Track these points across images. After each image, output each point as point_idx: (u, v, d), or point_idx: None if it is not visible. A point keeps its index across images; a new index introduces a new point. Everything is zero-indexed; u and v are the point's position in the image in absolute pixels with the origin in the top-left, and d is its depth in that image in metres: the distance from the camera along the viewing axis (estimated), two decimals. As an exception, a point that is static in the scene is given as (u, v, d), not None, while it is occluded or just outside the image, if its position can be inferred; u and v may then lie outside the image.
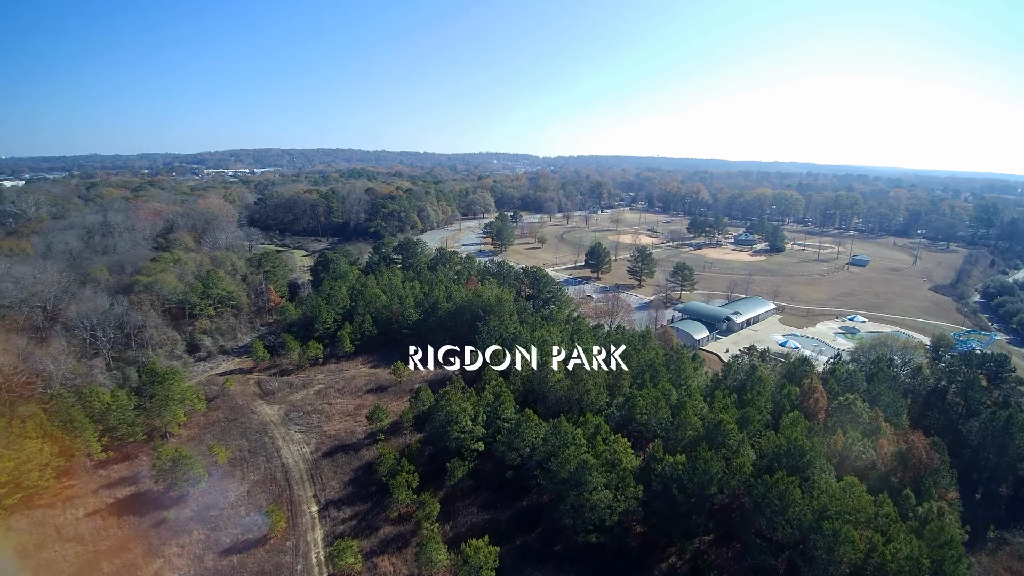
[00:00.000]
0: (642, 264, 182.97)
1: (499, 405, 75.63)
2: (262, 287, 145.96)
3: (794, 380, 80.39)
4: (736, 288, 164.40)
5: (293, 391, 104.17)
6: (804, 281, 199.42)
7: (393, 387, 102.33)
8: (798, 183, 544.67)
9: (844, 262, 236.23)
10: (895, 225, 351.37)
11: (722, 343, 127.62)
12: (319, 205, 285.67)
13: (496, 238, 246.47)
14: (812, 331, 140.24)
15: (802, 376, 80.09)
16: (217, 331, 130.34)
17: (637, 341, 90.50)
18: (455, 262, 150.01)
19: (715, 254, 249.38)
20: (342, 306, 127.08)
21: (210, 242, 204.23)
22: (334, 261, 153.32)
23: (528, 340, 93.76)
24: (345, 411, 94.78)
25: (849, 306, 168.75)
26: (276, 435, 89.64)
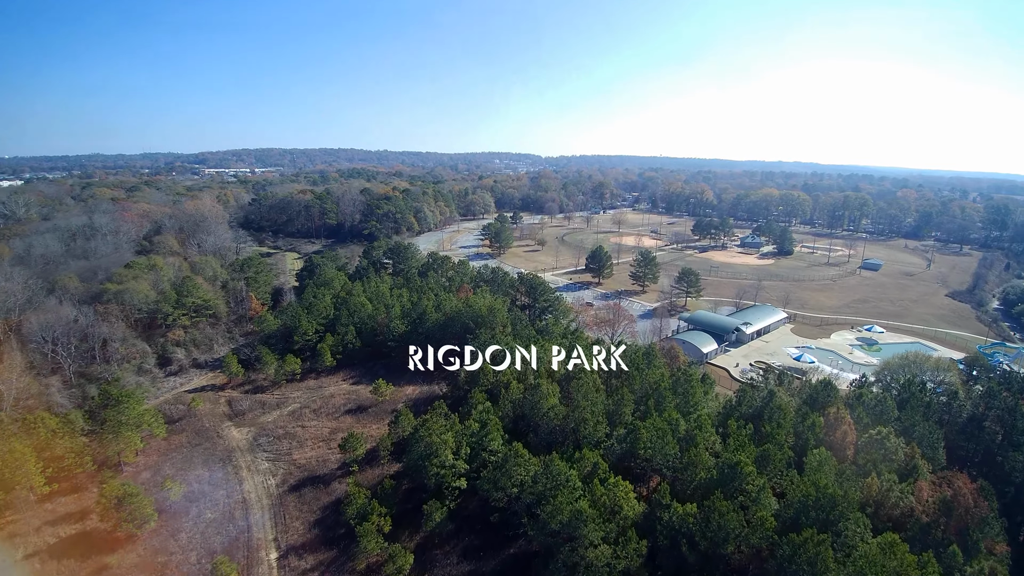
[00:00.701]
0: (645, 269, 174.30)
1: (485, 435, 67.19)
2: (243, 294, 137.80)
3: (816, 406, 71.70)
4: (745, 295, 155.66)
5: (265, 411, 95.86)
6: (815, 287, 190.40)
7: (374, 408, 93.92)
8: (803, 183, 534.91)
9: (856, 266, 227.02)
10: (906, 227, 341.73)
11: (731, 356, 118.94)
12: (313, 206, 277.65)
13: (494, 240, 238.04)
14: (827, 342, 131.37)
15: (826, 402, 71.41)
16: (192, 342, 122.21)
17: (640, 359, 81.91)
18: (447, 268, 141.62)
19: (721, 257, 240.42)
20: (324, 316, 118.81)
21: (197, 245, 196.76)
22: (320, 266, 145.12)
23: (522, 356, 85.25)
24: (319, 435, 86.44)
25: (864, 314, 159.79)
26: (241, 464, 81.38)
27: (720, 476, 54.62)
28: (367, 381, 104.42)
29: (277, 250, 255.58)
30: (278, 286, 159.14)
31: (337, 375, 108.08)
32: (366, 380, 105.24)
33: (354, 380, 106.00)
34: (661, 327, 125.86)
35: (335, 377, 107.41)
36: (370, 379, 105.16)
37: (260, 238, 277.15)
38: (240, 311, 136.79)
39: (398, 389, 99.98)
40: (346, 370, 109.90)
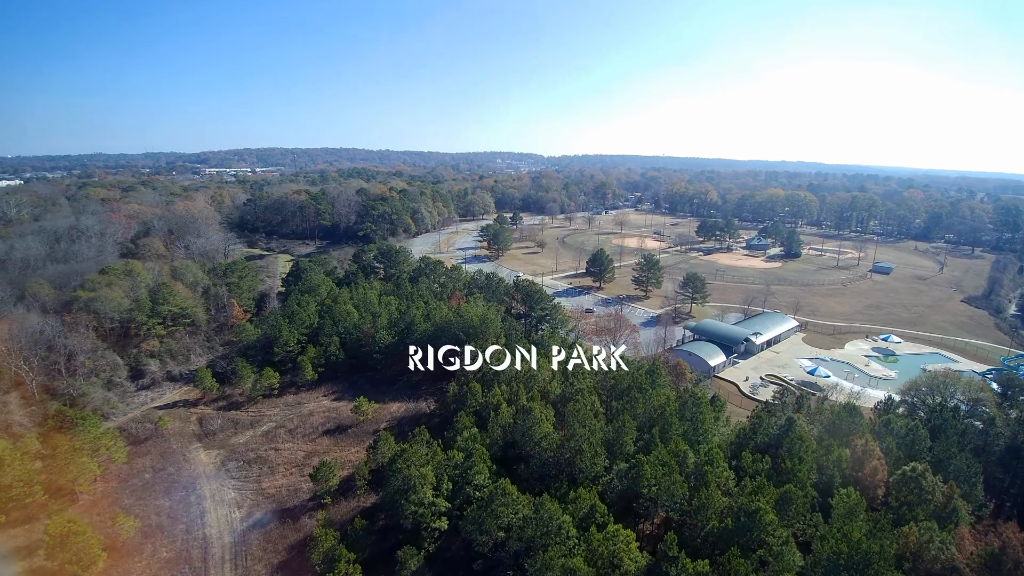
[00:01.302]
0: (648, 273, 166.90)
1: (470, 468, 59.99)
2: (224, 301, 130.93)
3: (840, 434, 64.37)
4: (753, 301, 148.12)
5: (238, 431, 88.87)
6: (825, 292, 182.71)
7: (354, 428, 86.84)
8: (808, 183, 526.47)
9: (866, 269, 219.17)
10: (915, 228, 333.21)
11: (740, 369, 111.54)
12: (308, 207, 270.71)
13: (492, 242, 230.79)
14: (841, 353, 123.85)
15: (850, 430, 64.05)
16: (167, 353, 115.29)
17: (643, 378, 74.63)
18: (440, 273, 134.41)
19: (726, 260, 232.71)
20: (308, 325, 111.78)
21: (184, 248, 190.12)
22: (307, 271, 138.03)
23: (514, 374, 78.14)
24: (292, 460, 79.41)
25: (878, 321, 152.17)
26: (206, 492, 74.39)
27: (736, 526, 47.38)
28: (350, 396, 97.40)
29: (270, 252, 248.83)
30: (265, 291, 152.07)
31: (318, 390, 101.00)
32: (349, 395, 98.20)
33: (336, 395, 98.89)
34: (665, 337, 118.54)
35: (316, 392, 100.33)
36: (353, 394, 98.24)
37: (253, 239, 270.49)
38: (221, 319, 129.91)
39: (382, 406, 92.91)
40: (328, 384, 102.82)
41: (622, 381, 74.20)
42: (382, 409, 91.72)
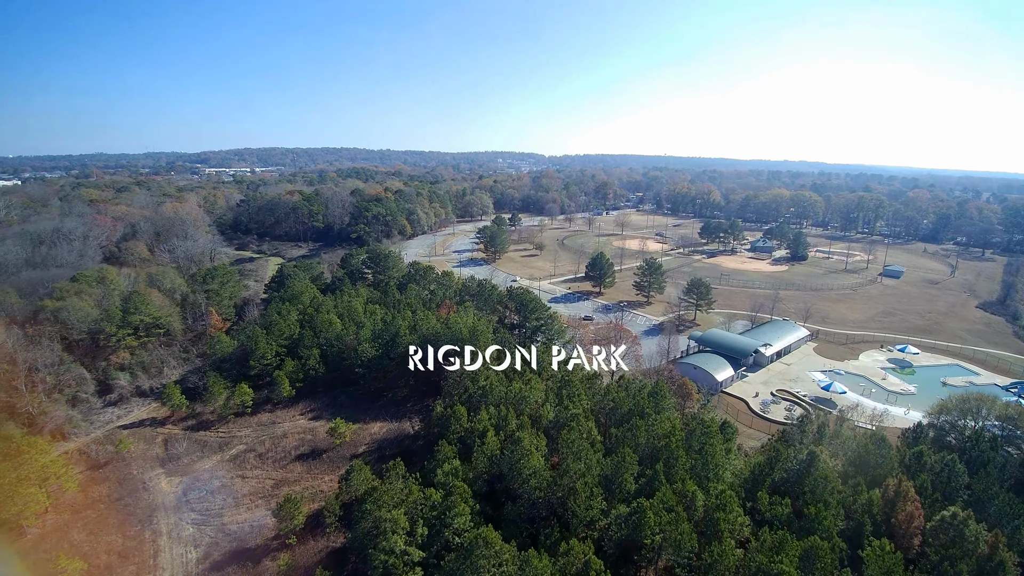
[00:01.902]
0: (650, 278, 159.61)
1: (449, 509, 52.86)
2: (202, 309, 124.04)
3: (867, 469, 57.20)
4: (761, 308, 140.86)
5: (205, 455, 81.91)
6: (835, 297, 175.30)
7: (330, 452, 79.80)
8: (812, 183, 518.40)
9: (876, 273, 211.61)
10: (923, 229, 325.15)
11: (750, 384, 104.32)
12: (301, 208, 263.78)
13: (489, 245, 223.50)
14: (856, 365, 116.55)
15: (878, 463, 56.87)
16: (139, 366, 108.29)
17: (646, 401, 67.48)
18: (430, 279, 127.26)
19: (731, 263, 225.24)
20: (287, 336, 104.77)
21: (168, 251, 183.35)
22: (290, 277, 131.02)
23: (503, 395, 71.03)
24: (259, 490, 72.44)
25: (891, 329, 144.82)
26: (162, 528, 67.42)
27: (755, 591, 40.32)
28: (329, 414, 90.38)
29: (261, 254, 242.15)
30: (249, 297, 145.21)
31: (295, 407, 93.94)
32: (328, 413, 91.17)
33: (314, 414, 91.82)
34: (669, 347, 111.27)
35: (293, 410, 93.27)
36: (332, 412, 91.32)
37: (245, 241, 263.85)
38: (199, 328, 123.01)
39: (362, 427, 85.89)
40: (307, 400, 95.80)
41: (622, 405, 67.03)
42: (362, 430, 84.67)
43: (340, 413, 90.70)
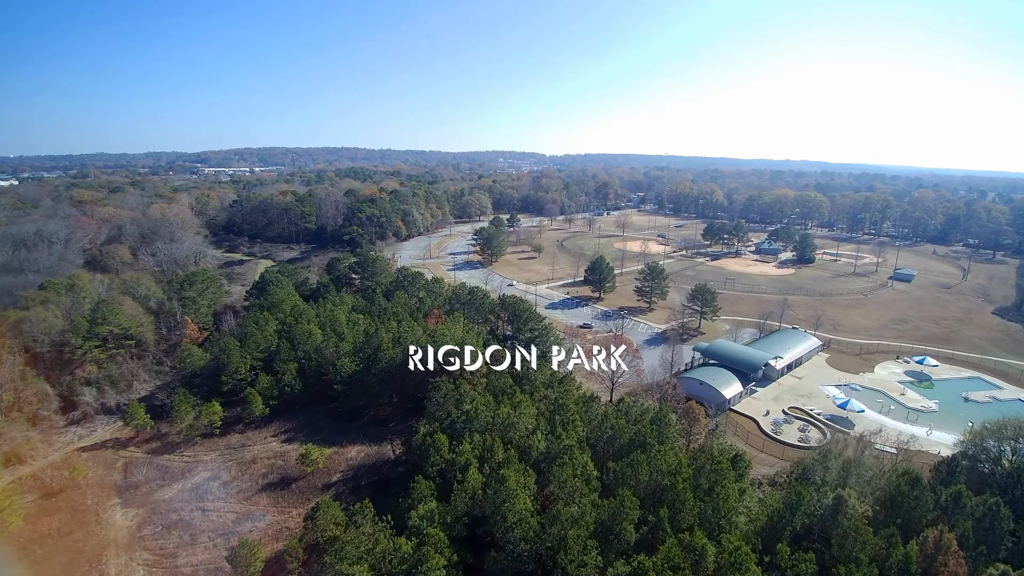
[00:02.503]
0: (652, 283, 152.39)
1: (422, 561, 45.84)
2: (178, 319, 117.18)
3: (900, 512, 50.06)
4: (770, 315, 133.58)
5: (166, 483, 75.01)
6: (845, 302, 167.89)
7: (301, 481, 72.82)
8: (815, 183, 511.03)
9: (886, 276, 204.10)
10: (931, 231, 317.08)
11: (759, 400, 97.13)
12: (293, 209, 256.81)
13: (485, 247, 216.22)
14: (871, 378, 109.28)
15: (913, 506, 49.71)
16: (107, 380, 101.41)
17: (647, 430, 60.36)
18: (419, 286, 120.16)
19: (736, 266, 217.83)
20: (264, 348, 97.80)
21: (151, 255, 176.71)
22: (273, 283, 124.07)
23: (489, 422, 63.94)
24: (220, 526, 65.48)
25: (906, 337, 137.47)
26: (111, 569, 60.64)
27: None
28: (303, 436, 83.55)
29: (251, 257, 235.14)
30: (231, 304, 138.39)
31: (269, 427, 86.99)
32: (303, 435, 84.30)
33: (287, 435, 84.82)
34: (672, 359, 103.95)
35: (265, 430, 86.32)
36: (308, 433, 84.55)
37: (236, 243, 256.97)
38: (175, 338, 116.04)
39: (338, 451, 78.97)
40: (282, 419, 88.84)
41: (621, 434, 59.94)
42: (338, 455, 77.73)
43: (316, 435, 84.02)
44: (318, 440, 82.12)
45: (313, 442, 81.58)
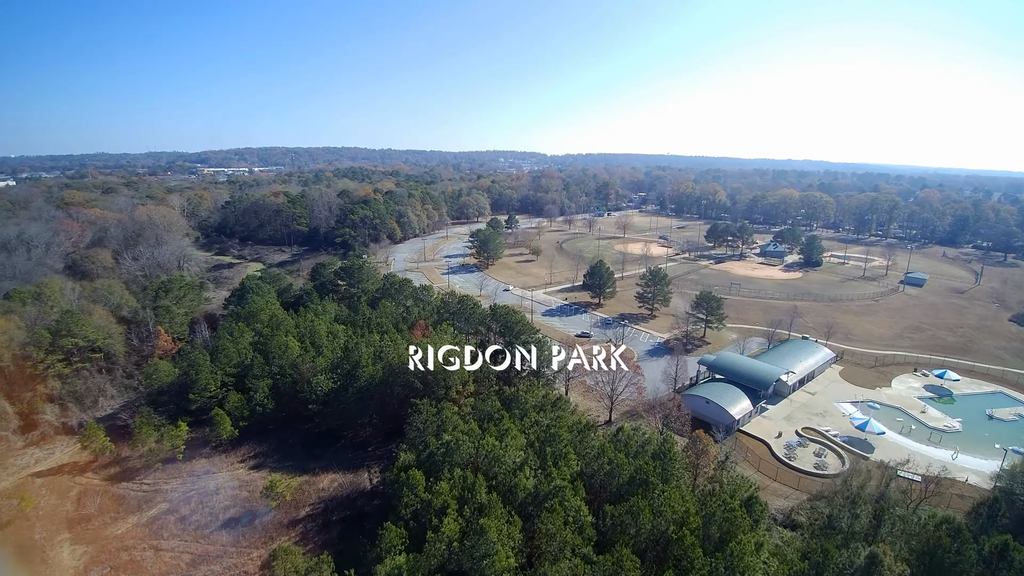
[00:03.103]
0: (654, 289, 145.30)
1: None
2: (150, 329, 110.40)
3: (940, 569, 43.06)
4: (779, 323, 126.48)
5: (120, 516, 68.19)
6: (856, 308, 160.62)
7: (265, 517, 65.94)
8: (819, 183, 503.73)
9: (896, 281, 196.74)
10: (940, 232, 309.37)
11: (770, 419, 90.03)
12: (285, 210, 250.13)
13: (481, 250, 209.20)
14: (889, 394, 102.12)
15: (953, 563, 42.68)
16: (71, 396, 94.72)
17: (649, 467, 53.33)
18: (406, 294, 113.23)
19: (741, 269, 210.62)
20: (236, 363, 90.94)
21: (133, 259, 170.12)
22: (252, 290, 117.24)
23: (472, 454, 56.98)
24: (172, 568, 58.54)
25: (922, 347, 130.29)
26: (43, 623, 53.82)
27: None
28: (274, 462, 76.81)
29: (241, 260, 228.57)
30: (211, 313, 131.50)
31: (238, 451, 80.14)
32: (273, 460, 77.53)
33: (257, 461, 77.95)
34: (676, 374, 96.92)
35: (234, 455, 79.46)
36: (279, 459, 77.80)
37: (226, 246, 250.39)
38: (147, 350, 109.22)
39: (311, 479, 72.13)
40: (253, 442, 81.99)
41: (620, 471, 52.96)
42: (309, 485, 70.85)
43: (288, 460, 77.22)
44: (289, 467, 75.41)
45: (284, 469, 75.04)
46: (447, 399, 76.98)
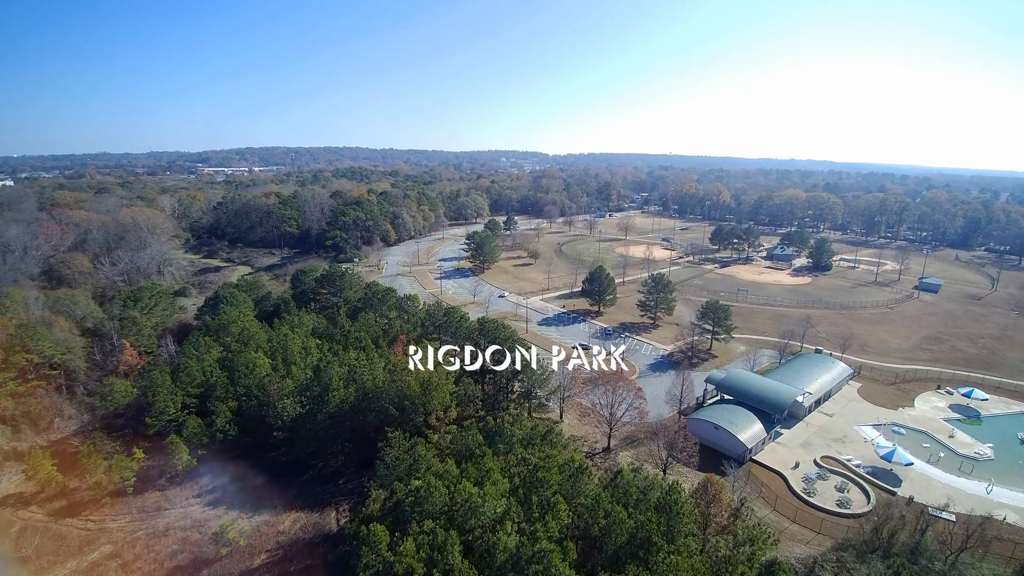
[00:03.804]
0: (657, 296, 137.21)
1: None
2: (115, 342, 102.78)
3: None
4: (791, 334, 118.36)
5: (59, 559, 60.52)
6: (870, 317, 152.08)
7: (216, 564, 58.08)
8: (824, 183, 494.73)
9: (910, 286, 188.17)
10: (951, 234, 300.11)
11: (785, 446, 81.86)
12: (275, 212, 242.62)
13: (476, 253, 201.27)
14: (912, 415, 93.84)
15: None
16: (25, 418, 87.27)
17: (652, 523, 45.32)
18: (389, 304, 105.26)
19: (747, 274, 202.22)
20: (199, 383, 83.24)
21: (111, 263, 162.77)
22: (226, 299, 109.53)
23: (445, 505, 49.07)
24: (99, 635, 50.96)
25: (943, 360, 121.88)
26: None
27: None
28: (232, 497, 69.10)
29: (229, 263, 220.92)
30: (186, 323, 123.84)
31: (195, 483, 72.39)
32: (233, 494, 69.77)
33: (214, 496, 70.10)
34: (682, 394, 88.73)
35: (189, 488, 71.70)
36: (239, 493, 70.13)
37: (215, 248, 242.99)
38: (111, 365, 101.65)
39: (272, 519, 64.33)
40: (213, 472, 74.13)
41: (618, 528, 44.96)
42: (269, 526, 63.04)
43: (249, 495, 69.47)
44: (250, 503, 67.64)
45: (244, 505, 67.33)
46: (426, 427, 69.18)
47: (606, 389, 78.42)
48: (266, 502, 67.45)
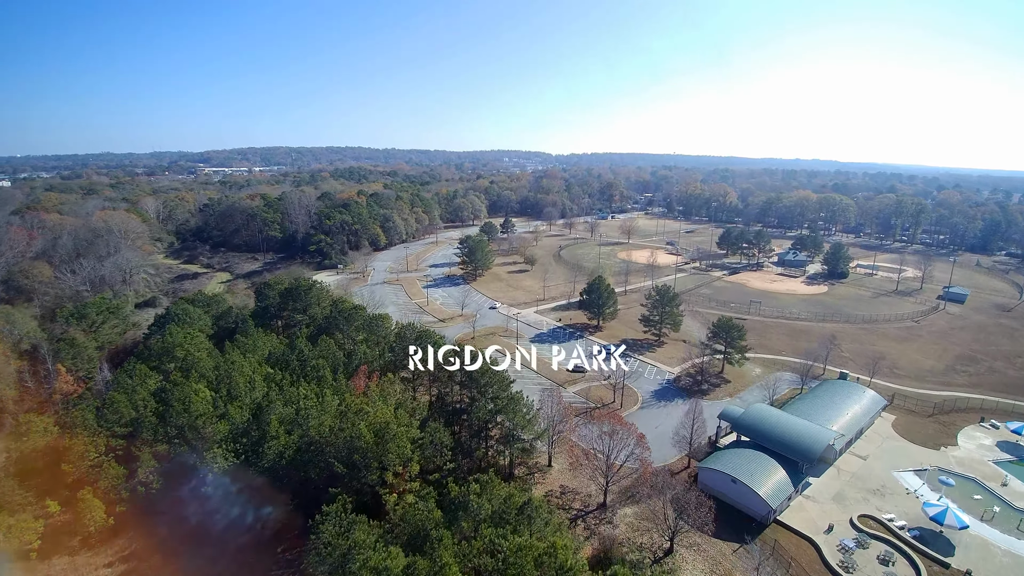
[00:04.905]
0: (662, 311, 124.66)
1: None
2: (50, 367, 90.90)
3: None
4: (814, 355, 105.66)
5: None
6: (896, 333, 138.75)
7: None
8: (832, 183, 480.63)
9: (934, 296, 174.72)
10: (970, 238, 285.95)
11: (815, 501, 69.10)
12: (258, 215, 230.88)
13: (468, 260, 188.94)
14: (956, 455, 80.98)
15: None
16: (-70, 456, 75.26)
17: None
18: (357, 324, 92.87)
19: (758, 282, 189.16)
20: (127, 421, 71.14)
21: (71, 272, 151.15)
22: (177, 317, 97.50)
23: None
24: None
25: (982, 385, 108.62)
26: None
27: None
28: (151, 568, 56.89)
29: (209, 269, 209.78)
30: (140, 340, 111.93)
31: (110, 546, 60.40)
32: (151, 564, 57.62)
33: (127, 567, 57.94)
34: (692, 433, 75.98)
35: (103, 553, 59.65)
36: (159, 562, 57.84)
37: (196, 253, 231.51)
38: (44, 394, 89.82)
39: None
40: (134, 531, 62.21)
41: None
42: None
43: (171, 562, 57.27)
44: None
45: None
46: (382, 485, 56.87)
47: (602, 434, 65.79)
48: (191, 571, 55.33)
